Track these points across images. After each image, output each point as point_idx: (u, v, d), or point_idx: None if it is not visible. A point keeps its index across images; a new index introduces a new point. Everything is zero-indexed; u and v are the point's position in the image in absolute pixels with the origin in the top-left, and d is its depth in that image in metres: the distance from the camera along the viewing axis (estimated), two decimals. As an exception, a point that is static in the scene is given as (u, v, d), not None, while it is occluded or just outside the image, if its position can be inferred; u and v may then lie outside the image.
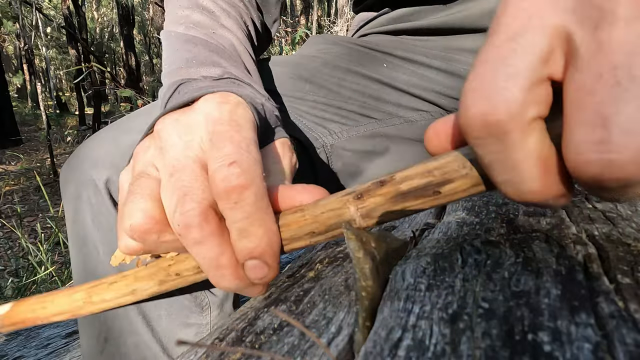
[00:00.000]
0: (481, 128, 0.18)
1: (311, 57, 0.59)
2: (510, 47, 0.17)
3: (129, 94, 3.51)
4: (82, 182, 0.45)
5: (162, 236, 0.26)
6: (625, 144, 0.15)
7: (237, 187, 0.24)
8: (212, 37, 0.40)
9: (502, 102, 0.17)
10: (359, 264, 0.21)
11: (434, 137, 0.22)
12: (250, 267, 0.26)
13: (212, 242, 0.25)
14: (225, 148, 0.26)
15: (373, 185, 0.23)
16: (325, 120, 0.54)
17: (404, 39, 0.61)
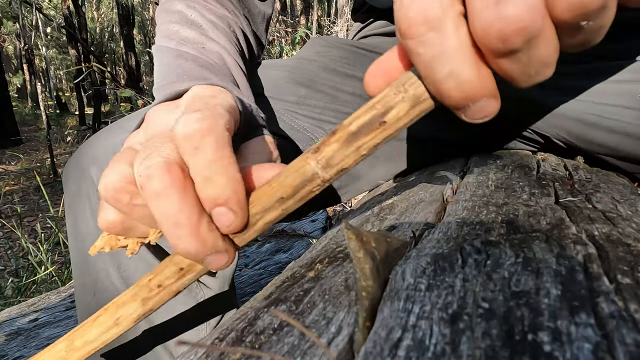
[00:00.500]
0: (421, 24, 0.20)
1: (309, 60, 0.59)
2: None
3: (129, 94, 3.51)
4: (82, 178, 0.46)
5: (134, 198, 0.27)
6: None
7: (197, 131, 0.25)
8: (202, 52, 0.41)
9: (435, 1, 0.20)
10: (359, 263, 0.21)
11: (370, 80, 0.24)
12: (216, 214, 0.26)
13: (171, 196, 0.25)
14: (195, 105, 0.28)
15: (327, 136, 0.25)
16: (323, 122, 0.54)
17: None
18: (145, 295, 0.28)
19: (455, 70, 0.20)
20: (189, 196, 0.25)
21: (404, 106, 0.23)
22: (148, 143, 0.27)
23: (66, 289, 1.22)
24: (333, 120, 0.55)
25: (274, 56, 4.56)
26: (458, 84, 0.21)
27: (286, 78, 0.56)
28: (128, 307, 0.29)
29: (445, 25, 0.20)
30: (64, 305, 1.09)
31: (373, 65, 0.24)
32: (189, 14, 0.45)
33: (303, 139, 0.52)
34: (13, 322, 1.01)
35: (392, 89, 0.23)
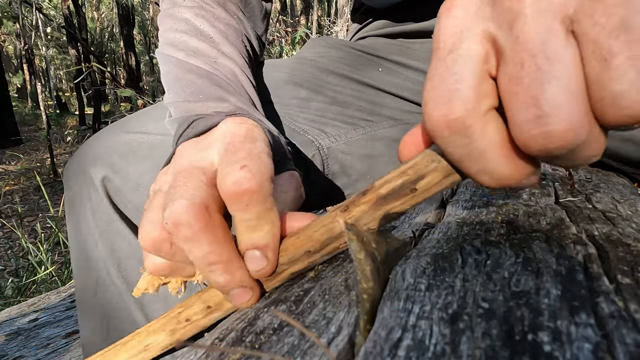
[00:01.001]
0: (445, 128, 0.20)
1: (308, 61, 0.59)
2: (452, 58, 0.20)
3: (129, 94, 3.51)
4: (83, 179, 0.46)
5: (175, 244, 0.27)
6: (557, 115, 0.17)
7: (247, 191, 0.25)
8: (214, 66, 0.41)
9: (457, 102, 0.19)
10: (360, 265, 0.21)
11: (404, 149, 0.25)
12: (250, 257, 0.27)
13: (202, 240, 0.25)
14: (238, 154, 0.27)
15: (357, 196, 0.25)
16: (322, 124, 0.54)
17: (401, 42, 0.61)
18: (173, 327, 0.30)
19: (487, 168, 0.20)
20: (219, 236, 0.26)
21: (436, 176, 0.23)
22: (172, 183, 0.27)
23: (66, 289, 1.22)
24: (333, 123, 0.55)
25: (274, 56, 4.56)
26: (492, 178, 0.20)
27: (286, 79, 0.56)
28: (157, 336, 0.30)
29: (471, 128, 0.19)
30: (64, 305, 1.09)
31: (407, 136, 0.25)
32: (197, 24, 0.44)
33: (304, 142, 0.52)
34: (13, 322, 1.01)
35: (426, 157, 0.23)
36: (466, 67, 0.19)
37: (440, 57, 0.20)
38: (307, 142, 0.52)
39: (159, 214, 0.27)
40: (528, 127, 0.18)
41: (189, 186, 0.26)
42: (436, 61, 0.21)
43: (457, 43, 0.20)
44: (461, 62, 0.20)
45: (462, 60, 0.20)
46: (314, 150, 0.52)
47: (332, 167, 0.53)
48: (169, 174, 0.30)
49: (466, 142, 0.20)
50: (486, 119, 0.19)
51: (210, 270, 0.26)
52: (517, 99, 0.18)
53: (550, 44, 0.18)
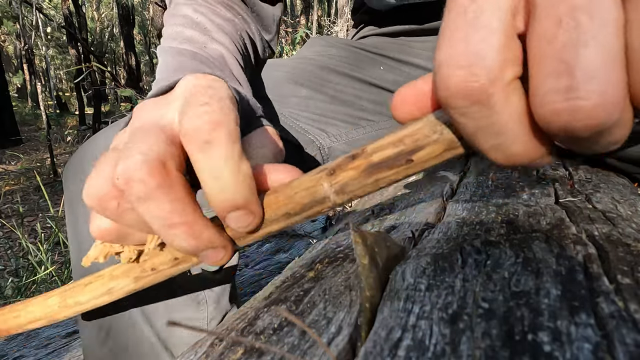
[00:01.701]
0: (464, 97, 0.17)
1: (309, 60, 0.59)
2: (477, 7, 0.17)
3: (129, 94, 3.51)
4: (82, 179, 0.46)
5: (122, 202, 0.24)
6: (592, 89, 0.15)
7: (207, 123, 0.23)
8: (203, 50, 0.41)
9: (481, 67, 0.16)
10: (364, 271, 0.20)
11: (400, 105, 0.22)
12: (234, 217, 0.24)
13: (159, 198, 0.23)
14: (199, 97, 0.25)
15: (345, 159, 0.23)
16: (323, 123, 0.54)
17: (402, 40, 0.61)
18: (137, 274, 0.28)
19: (503, 144, 0.18)
20: (180, 194, 0.23)
21: (436, 148, 0.21)
22: (127, 141, 0.25)
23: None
24: (334, 122, 0.55)
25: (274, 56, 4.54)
26: (505, 155, 0.18)
27: (286, 78, 0.56)
28: (121, 281, 0.29)
29: (493, 98, 0.17)
30: (64, 305, 1.09)
31: (406, 88, 0.21)
32: (194, 17, 0.45)
33: (305, 141, 0.52)
34: (13, 322, 1.01)
35: (427, 126, 0.20)
36: (493, 20, 0.16)
37: (459, 6, 0.17)
38: (308, 142, 0.52)
39: (109, 169, 0.24)
40: (553, 98, 0.15)
41: (145, 142, 0.24)
42: (454, 12, 0.17)
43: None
44: (488, 14, 0.16)
45: (488, 11, 0.16)
46: (315, 150, 0.52)
47: None
48: (126, 134, 0.27)
49: (485, 115, 0.17)
50: (510, 89, 0.17)
51: (173, 234, 0.24)
52: (546, 63, 0.15)
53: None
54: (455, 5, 0.17)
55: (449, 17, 0.18)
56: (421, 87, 0.21)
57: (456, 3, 0.17)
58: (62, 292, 0.31)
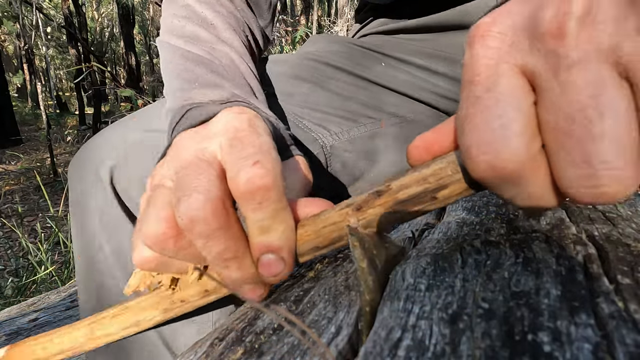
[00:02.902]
0: (494, 177, 0.19)
1: (311, 57, 0.59)
2: (492, 97, 0.18)
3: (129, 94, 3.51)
4: (88, 181, 0.46)
5: (179, 241, 0.26)
6: (611, 177, 0.16)
7: (261, 188, 0.24)
8: (212, 53, 0.40)
9: (507, 151, 0.18)
10: (363, 274, 0.21)
11: (414, 152, 0.24)
12: (265, 262, 0.25)
13: (219, 237, 0.24)
14: (248, 150, 0.26)
15: (371, 196, 0.24)
16: (325, 121, 0.54)
17: (401, 38, 0.61)
18: (167, 306, 0.29)
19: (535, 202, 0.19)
20: (236, 232, 0.25)
21: (459, 187, 0.22)
22: (180, 177, 0.26)
23: (66, 288, 1.22)
24: (335, 120, 0.55)
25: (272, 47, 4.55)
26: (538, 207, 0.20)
27: (288, 74, 0.56)
28: (149, 313, 0.30)
29: (524, 177, 0.18)
30: (64, 305, 1.09)
31: (418, 139, 0.24)
32: (199, 10, 0.43)
33: (308, 139, 0.52)
34: (13, 322, 1.01)
35: (450, 166, 0.22)
36: (510, 108, 0.18)
37: (477, 94, 0.19)
38: (311, 140, 0.52)
39: (165, 210, 0.26)
40: (578, 183, 0.17)
41: (201, 180, 0.25)
42: (472, 97, 0.19)
43: (495, 78, 0.18)
44: (505, 102, 0.18)
45: (504, 100, 0.18)
46: (317, 148, 0.52)
47: (334, 166, 0.53)
48: (169, 167, 0.28)
49: (517, 188, 0.19)
50: (536, 164, 0.18)
51: (225, 266, 0.25)
52: (566, 153, 0.17)
53: (602, 96, 0.16)
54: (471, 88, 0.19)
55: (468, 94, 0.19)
56: (430, 136, 0.23)
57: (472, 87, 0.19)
58: (89, 324, 0.31)
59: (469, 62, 0.19)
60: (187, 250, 0.26)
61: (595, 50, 0.16)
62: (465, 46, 0.20)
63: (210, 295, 0.29)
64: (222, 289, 0.28)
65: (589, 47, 0.16)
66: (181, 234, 0.26)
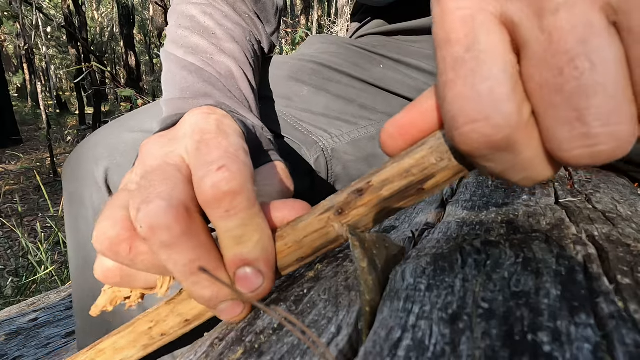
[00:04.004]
0: (489, 148, 0.17)
1: (309, 59, 0.59)
2: (474, 57, 0.16)
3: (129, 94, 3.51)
4: (83, 179, 0.46)
5: (135, 246, 0.24)
6: (608, 134, 0.15)
7: (228, 193, 0.22)
8: (209, 63, 0.39)
9: (499, 117, 0.16)
10: (363, 275, 0.20)
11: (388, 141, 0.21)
12: (242, 275, 0.23)
13: (183, 246, 0.22)
14: (213, 153, 0.24)
15: (351, 196, 0.22)
16: (325, 124, 0.54)
17: (399, 39, 0.61)
18: (146, 342, 0.27)
19: (529, 175, 0.18)
20: (203, 241, 0.23)
21: (446, 174, 0.21)
22: (145, 182, 0.24)
23: (66, 288, 1.22)
24: (336, 123, 0.55)
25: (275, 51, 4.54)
26: (532, 181, 0.18)
27: (287, 77, 0.56)
28: (128, 351, 0.27)
29: (517, 144, 0.17)
30: (64, 305, 1.09)
31: (389, 125, 0.21)
32: (202, 21, 0.43)
33: (308, 142, 0.52)
34: (13, 322, 1.01)
35: (432, 154, 0.20)
36: (496, 69, 0.16)
37: (456, 55, 0.17)
38: (311, 143, 0.52)
39: (119, 211, 0.24)
40: (571, 145, 0.16)
41: (165, 185, 0.23)
42: (451, 60, 0.17)
43: (473, 34, 0.16)
44: (489, 62, 0.16)
45: (489, 59, 0.16)
46: (318, 151, 0.52)
47: (335, 169, 0.53)
48: (136, 173, 0.26)
49: (511, 157, 0.17)
50: (529, 128, 0.17)
51: (194, 281, 0.23)
52: (556, 111, 0.15)
53: (592, 43, 0.14)
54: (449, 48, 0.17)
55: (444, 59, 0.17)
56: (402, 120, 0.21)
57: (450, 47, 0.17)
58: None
59: (439, 18, 0.17)
60: (145, 258, 0.24)
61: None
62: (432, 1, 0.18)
63: (192, 324, 0.26)
64: (204, 314, 0.26)
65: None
66: (136, 237, 0.23)
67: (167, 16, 0.47)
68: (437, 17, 0.17)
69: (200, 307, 0.26)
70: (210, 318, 0.27)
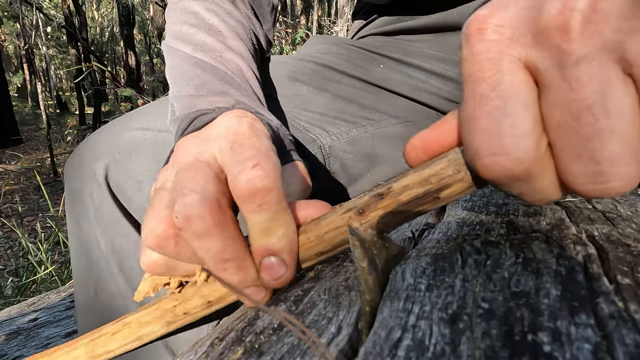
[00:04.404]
0: (507, 178, 0.19)
1: (309, 59, 0.59)
2: (498, 96, 0.18)
3: (129, 94, 3.51)
4: (84, 177, 0.46)
5: (180, 242, 0.26)
6: (619, 174, 0.16)
7: (261, 190, 0.24)
8: (220, 61, 0.40)
9: (519, 153, 0.18)
10: (363, 274, 0.21)
11: (412, 153, 0.24)
12: (267, 264, 0.25)
13: (216, 235, 0.24)
14: (247, 152, 0.26)
15: (372, 198, 0.24)
16: (324, 122, 0.54)
17: (401, 39, 0.61)
18: (170, 319, 0.29)
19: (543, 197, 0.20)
20: (232, 232, 0.25)
21: (461, 186, 0.22)
22: (178, 178, 0.26)
23: (66, 288, 1.22)
24: (334, 122, 0.55)
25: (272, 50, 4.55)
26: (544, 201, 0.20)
27: (287, 77, 0.56)
28: (152, 327, 0.29)
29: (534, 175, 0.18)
30: (64, 305, 1.09)
31: (416, 138, 0.23)
32: (207, 18, 0.44)
33: (305, 139, 0.52)
34: (13, 322, 1.01)
35: (451, 166, 0.22)
36: (518, 107, 0.18)
37: (482, 92, 0.18)
38: (309, 141, 0.52)
39: (164, 211, 0.26)
40: (584, 180, 0.17)
41: (198, 180, 0.25)
42: (477, 96, 0.19)
43: (499, 74, 0.18)
44: (512, 101, 0.18)
45: (511, 98, 0.18)
46: (316, 149, 0.52)
47: (333, 166, 0.53)
48: (171, 170, 0.29)
49: (527, 185, 0.19)
50: (546, 160, 0.18)
51: (223, 267, 0.25)
52: (572, 150, 0.17)
53: (608, 93, 0.16)
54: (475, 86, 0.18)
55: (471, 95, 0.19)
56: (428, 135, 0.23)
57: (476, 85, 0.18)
58: (89, 342, 0.31)
59: (468, 58, 0.19)
60: (187, 250, 0.26)
61: (600, 46, 0.16)
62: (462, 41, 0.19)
63: (213, 306, 0.28)
64: (225, 298, 0.28)
65: (595, 42, 0.16)
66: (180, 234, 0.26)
67: (166, 12, 0.47)
68: (465, 56, 0.19)
69: (222, 290, 0.28)
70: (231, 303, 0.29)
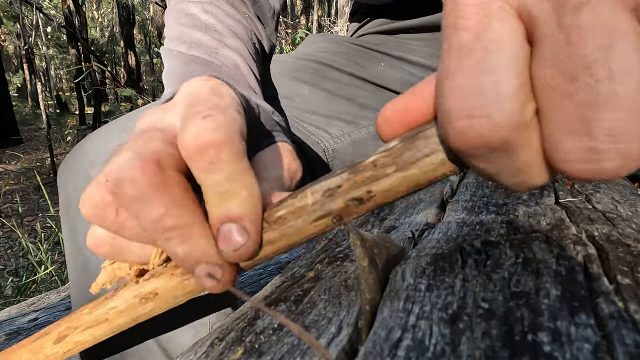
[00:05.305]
0: (485, 147, 0.15)
1: (309, 58, 0.59)
2: (482, 47, 0.14)
3: (129, 94, 3.51)
4: (81, 179, 0.46)
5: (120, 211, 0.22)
6: (617, 151, 0.13)
7: (212, 143, 0.20)
8: (215, 57, 0.39)
9: (500, 115, 0.14)
10: (364, 274, 0.20)
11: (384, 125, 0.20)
12: (224, 232, 0.21)
13: (153, 200, 0.20)
14: (200, 106, 0.22)
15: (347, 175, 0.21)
16: (326, 124, 0.54)
17: (400, 37, 0.61)
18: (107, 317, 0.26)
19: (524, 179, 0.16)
20: (176, 196, 0.21)
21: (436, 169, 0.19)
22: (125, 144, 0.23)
23: (66, 288, 1.22)
24: (336, 123, 0.55)
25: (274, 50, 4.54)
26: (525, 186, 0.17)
27: (288, 76, 0.56)
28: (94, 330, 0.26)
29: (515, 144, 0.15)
30: (64, 305, 1.09)
31: (387, 109, 0.19)
32: (204, 18, 0.43)
33: (310, 143, 0.52)
34: (13, 322, 1.01)
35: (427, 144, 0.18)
36: (504, 62, 0.14)
37: (462, 42, 0.15)
38: (313, 144, 0.52)
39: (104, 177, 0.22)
40: (574, 157, 0.14)
41: (139, 141, 0.22)
42: (456, 48, 0.15)
43: (486, 21, 0.14)
44: (497, 53, 0.14)
45: (497, 50, 0.14)
46: (319, 152, 0.52)
47: (336, 169, 0.53)
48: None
49: (507, 159, 0.16)
50: (530, 130, 0.15)
51: (166, 237, 0.21)
52: (562, 119, 0.14)
53: (615, 49, 0.13)
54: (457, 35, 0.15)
55: (450, 47, 0.15)
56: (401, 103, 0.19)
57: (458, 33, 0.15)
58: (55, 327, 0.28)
59: (450, 4, 0.15)
60: (132, 224, 0.22)
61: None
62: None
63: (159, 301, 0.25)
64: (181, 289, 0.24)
65: None
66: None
67: (165, 16, 0.47)
68: (447, 3, 0.16)
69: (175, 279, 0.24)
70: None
